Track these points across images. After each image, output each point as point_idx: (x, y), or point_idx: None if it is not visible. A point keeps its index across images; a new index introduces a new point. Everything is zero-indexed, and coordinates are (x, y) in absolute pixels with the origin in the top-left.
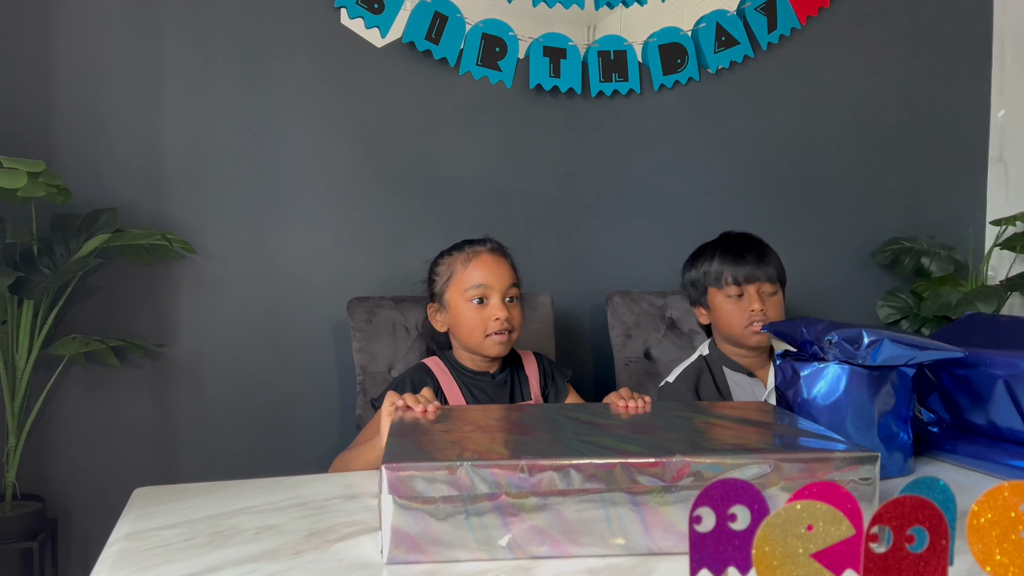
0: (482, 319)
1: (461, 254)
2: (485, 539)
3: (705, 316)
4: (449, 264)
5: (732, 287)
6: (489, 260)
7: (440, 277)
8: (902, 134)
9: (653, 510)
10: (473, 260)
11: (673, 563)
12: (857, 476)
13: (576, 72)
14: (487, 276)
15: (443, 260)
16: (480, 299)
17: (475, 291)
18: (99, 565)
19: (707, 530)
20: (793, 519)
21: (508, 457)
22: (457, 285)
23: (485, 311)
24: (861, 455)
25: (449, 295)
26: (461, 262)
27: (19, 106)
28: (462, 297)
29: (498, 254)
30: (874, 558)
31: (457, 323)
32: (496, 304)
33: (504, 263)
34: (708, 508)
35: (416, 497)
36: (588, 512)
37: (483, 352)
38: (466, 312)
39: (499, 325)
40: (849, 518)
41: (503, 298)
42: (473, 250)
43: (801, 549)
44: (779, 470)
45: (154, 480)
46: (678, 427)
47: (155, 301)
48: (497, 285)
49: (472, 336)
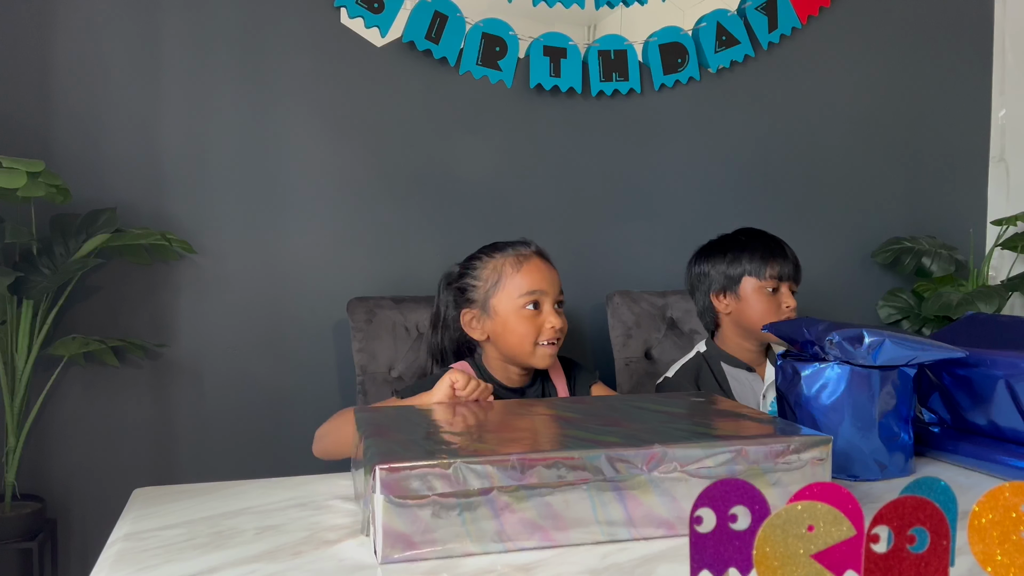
0: (536, 326)
1: (509, 257)
2: (478, 532)
3: (726, 305)
4: (495, 268)
5: (772, 281)
6: (541, 265)
7: (483, 281)
8: (903, 133)
9: (635, 497)
10: (525, 264)
11: (673, 563)
12: (812, 456)
13: (576, 72)
14: (541, 281)
15: (483, 263)
16: (534, 304)
17: (529, 297)
18: (99, 565)
19: (708, 530)
20: (794, 520)
21: (495, 452)
22: (508, 291)
23: (539, 319)
24: (817, 439)
25: (497, 301)
26: (511, 266)
27: (19, 106)
28: (513, 303)
29: (546, 258)
30: (875, 558)
31: (504, 331)
32: (550, 311)
33: (553, 268)
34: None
35: (409, 495)
36: (576, 502)
37: (531, 363)
38: (518, 320)
39: (552, 334)
40: (850, 519)
41: (555, 304)
42: (520, 253)
43: (802, 550)
44: (746, 455)
45: (154, 480)
46: (643, 418)
47: (155, 301)
48: (551, 291)
49: (523, 345)
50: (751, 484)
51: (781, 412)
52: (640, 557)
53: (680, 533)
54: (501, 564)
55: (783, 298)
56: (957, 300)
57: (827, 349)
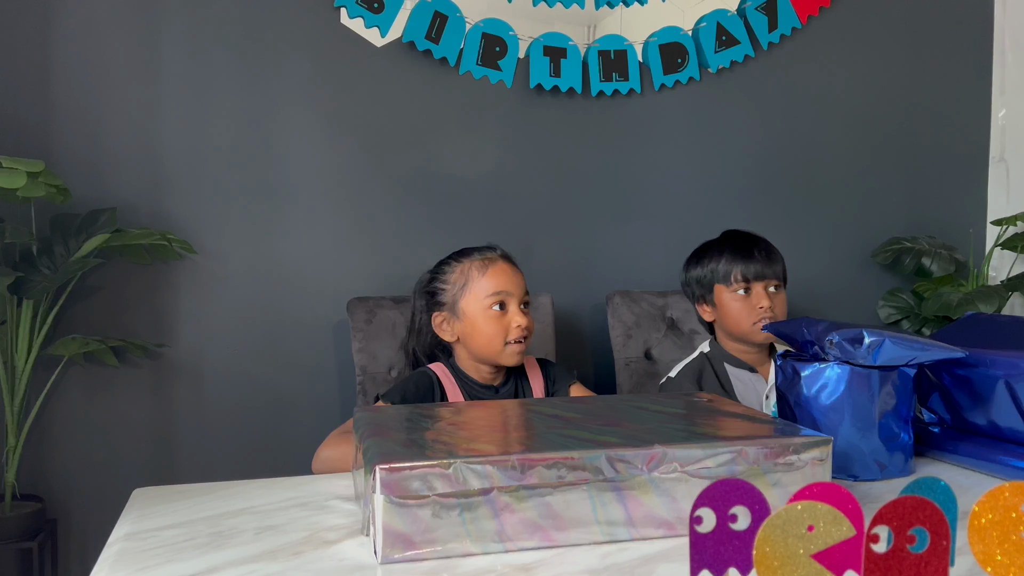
0: (502, 327)
1: (475, 261)
2: (478, 532)
3: (709, 313)
4: (462, 271)
5: (740, 284)
6: (506, 267)
7: (451, 285)
8: (903, 133)
9: (635, 497)
10: (490, 267)
11: (673, 563)
12: (812, 457)
13: (576, 72)
14: (506, 283)
15: (451, 267)
16: (500, 305)
17: (495, 298)
18: (99, 565)
19: (708, 530)
20: (794, 520)
21: (495, 453)
22: (474, 293)
23: (505, 319)
24: (817, 439)
25: (465, 303)
26: (477, 269)
27: (19, 106)
28: (480, 305)
29: (510, 261)
30: (875, 558)
31: (473, 332)
32: (516, 311)
33: (518, 270)
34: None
35: (409, 495)
36: (576, 502)
37: (500, 362)
38: (485, 320)
39: (520, 332)
40: (850, 519)
41: (520, 304)
42: (486, 257)
43: (802, 550)
44: (746, 455)
45: (154, 480)
46: (643, 418)
47: (155, 301)
48: (516, 292)
49: (491, 345)
50: (751, 484)
51: (781, 412)
52: (640, 557)
53: (680, 533)
54: (501, 564)
55: (756, 299)
56: (957, 300)
57: (827, 349)
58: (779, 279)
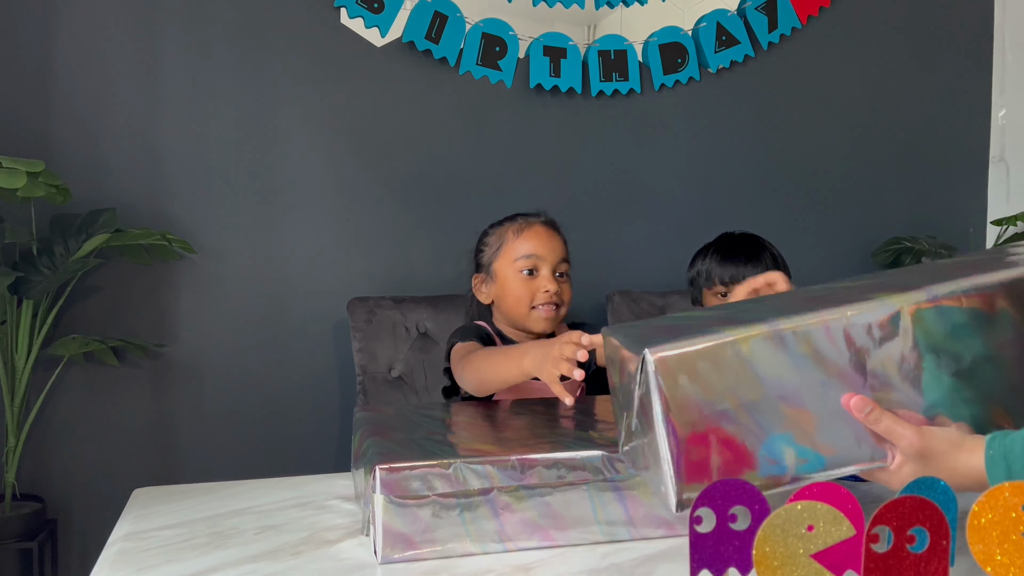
0: (530, 290)
1: (513, 224)
2: (478, 532)
3: None
4: (500, 234)
5: (719, 287)
6: (541, 232)
7: (489, 247)
8: (903, 133)
9: (635, 497)
10: (525, 231)
11: (673, 563)
12: None
13: (576, 72)
14: (538, 247)
15: (493, 230)
16: (530, 270)
17: (525, 261)
18: (99, 565)
19: (708, 530)
20: (793, 519)
21: (495, 453)
22: (507, 255)
23: (534, 283)
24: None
25: (497, 265)
26: (513, 232)
27: (19, 106)
28: (511, 267)
29: (551, 227)
30: (875, 558)
31: (503, 294)
32: (546, 276)
33: (557, 237)
34: (708, 508)
35: (409, 495)
36: (576, 502)
37: (528, 326)
38: (514, 283)
39: (547, 298)
40: (849, 518)
41: (553, 272)
42: (526, 221)
43: (802, 550)
44: None
45: (154, 480)
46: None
47: (155, 301)
48: (549, 257)
49: (518, 308)
50: (751, 484)
51: None
52: (640, 557)
53: (680, 533)
54: (501, 564)
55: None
56: None
57: None
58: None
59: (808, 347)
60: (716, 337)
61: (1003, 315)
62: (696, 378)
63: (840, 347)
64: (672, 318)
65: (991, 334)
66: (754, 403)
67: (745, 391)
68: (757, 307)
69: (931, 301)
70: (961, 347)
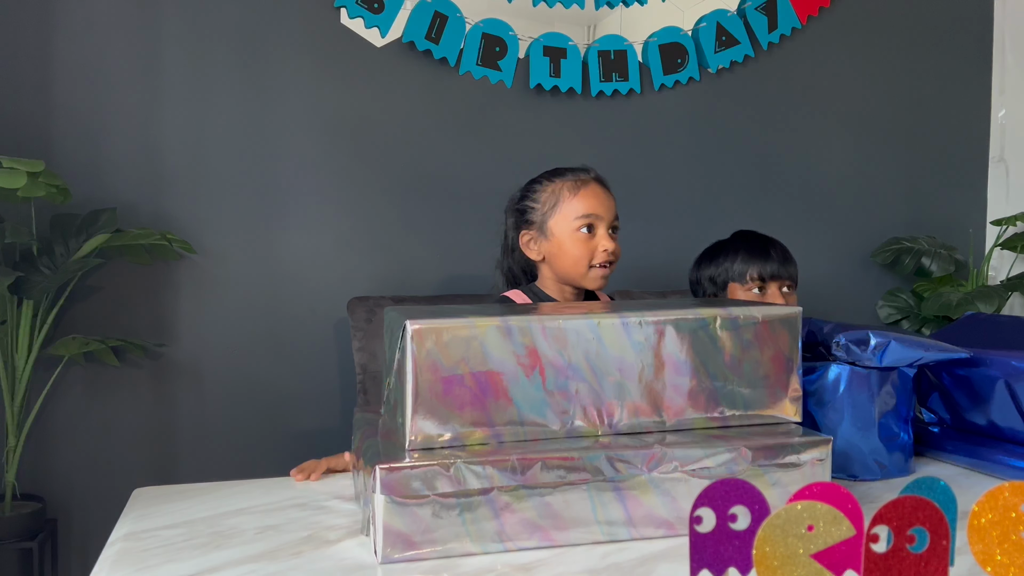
0: (589, 249)
1: (567, 181)
2: (478, 532)
3: None
4: (553, 191)
5: (755, 283)
6: (598, 191)
7: (541, 204)
8: (902, 134)
9: (635, 497)
10: (582, 189)
11: (673, 563)
12: (812, 456)
13: (576, 72)
14: (596, 206)
15: (543, 186)
16: (588, 228)
17: (584, 220)
18: (99, 565)
19: (707, 530)
20: (794, 519)
21: (495, 453)
22: (564, 214)
23: (592, 242)
24: (817, 439)
25: (553, 223)
26: (569, 189)
27: (19, 106)
28: (570, 226)
29: (604, 185)
30: (875, 558)
31: (560, 252)
32: (604, 235)
33: (610, 194)
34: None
35: (409, 495)
36: (576, 502)
37: (584, 284)
38: (573, 242)
39: (606, 256)
40: (849, 518)
41: (609, 229)
42: (579, 178)
43: (802, 549)
44: (746, 455)
45: (154, 480)
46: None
47: (155, 301)
48: (606, 216)
49: (577, 267)
50: (751, 484)
51: None
52: (640, 557)
53: (680, 533)
54: (501, 564)
55: (770, 298)
56: (957, 300)
57: (834, 351)
58: (793, 281)
59: (528, 339)
60: (462, 321)
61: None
62: (441, 347)
63: (552, 344)
64: (444, 308)
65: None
66: (481, 374)
67: (475, 363)
68: (525, 308)
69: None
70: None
